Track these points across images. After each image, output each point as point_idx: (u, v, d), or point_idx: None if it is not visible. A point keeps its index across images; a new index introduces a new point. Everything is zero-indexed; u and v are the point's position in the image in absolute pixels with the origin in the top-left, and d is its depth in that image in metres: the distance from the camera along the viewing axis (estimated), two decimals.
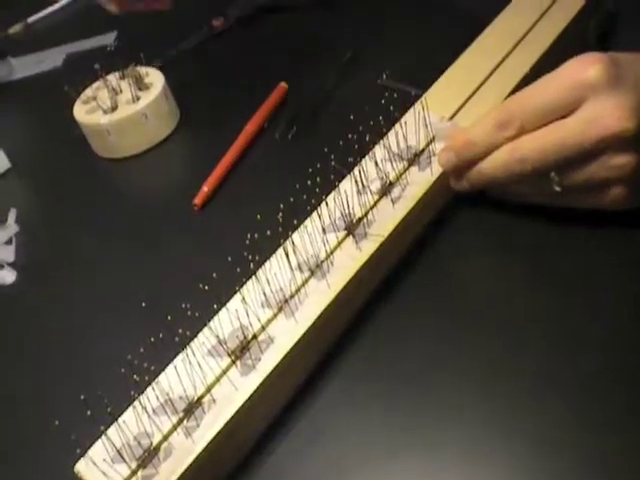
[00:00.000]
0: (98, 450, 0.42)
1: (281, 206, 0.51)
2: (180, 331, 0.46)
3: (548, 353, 0.47)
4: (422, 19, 0.84)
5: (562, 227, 0.54)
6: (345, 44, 0.81)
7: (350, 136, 0.55)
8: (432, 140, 0.57)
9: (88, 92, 0.78)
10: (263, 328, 0.47)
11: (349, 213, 0.52)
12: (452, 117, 0.59)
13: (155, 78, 0.78)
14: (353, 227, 0.52)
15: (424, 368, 0.48)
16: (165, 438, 0.43)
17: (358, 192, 0.54)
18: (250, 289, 0.49)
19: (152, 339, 0.45)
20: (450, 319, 0.51)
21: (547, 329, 0.49)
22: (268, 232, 0.50)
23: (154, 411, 0.44)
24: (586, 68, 0.48)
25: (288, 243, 0.50)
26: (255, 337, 0.47)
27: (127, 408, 0.44)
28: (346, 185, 0.54)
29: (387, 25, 0.85)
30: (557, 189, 0.50)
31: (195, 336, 0.47)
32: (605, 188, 0.50)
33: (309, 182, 0.54)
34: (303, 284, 0.49)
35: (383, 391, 0.48)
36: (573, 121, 0.48)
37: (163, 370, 0.46)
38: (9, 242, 0.69)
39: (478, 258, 0.55)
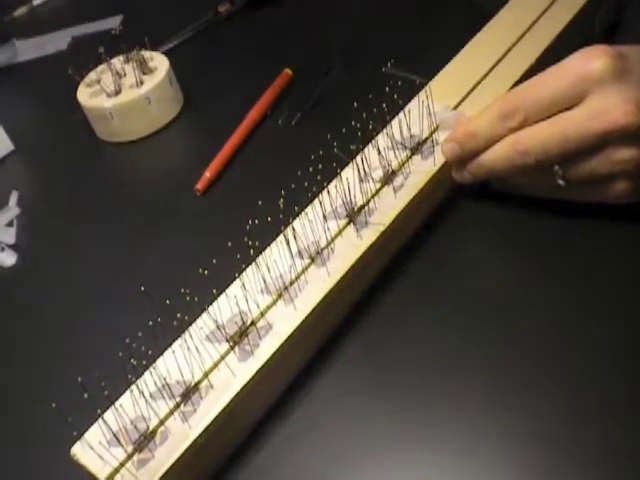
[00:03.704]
0: (95, 433, 0.42)
1: (282, 192, 0.51)
2: (179, 316, 0.46)
3: (549, 346, 0.47)
4: (428, 8, 0.83)
5: (563, 219, 0.54)
6: (351, 32, 0.80)
7: (353, 124, 0.55)
8: (436, 129, 0.57)
9: (92, 75, 0.78)
10: (262, 314, 0.47)
11: (351, 201, 0.51)
12: (456, 106, 0.59)
13: (159, 62, 0.77)
14: (354, 215, 0.51)
15: (423, 358, 0.48)
16: (162, 423, 0.43)
17: (360, 180, 0.53)
18: (250, 275, 0.49)
19: (150, 323, 0.45)
20: (450, 309, 0.51)
21: (547, 321, 0.48)
22: (269, 218, 0.50)
23: (151, 395, 0.44)
24: (592, 61, 0.47)
25: (289, 230, 0.50)
26: (254, 323, 0.47)
27: (124, 392, 0.44)
28: (348, 173, 0.54)
29: (393, 13, 0.84)
30: (560, 183, 0.50)
31: (194, 321, 0.47)
32: (609, 182, 0.49)
33: (311, 169, 0.54)
34: (303, 271, 0.49)
35: (382, 380, 0.48)
36: (577, 114, 0.48)
37: (161, 354, 0.46)
38: (10, 224, 0.69)
39: (478, 248, 0.55)
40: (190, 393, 0.44)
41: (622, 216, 0.52)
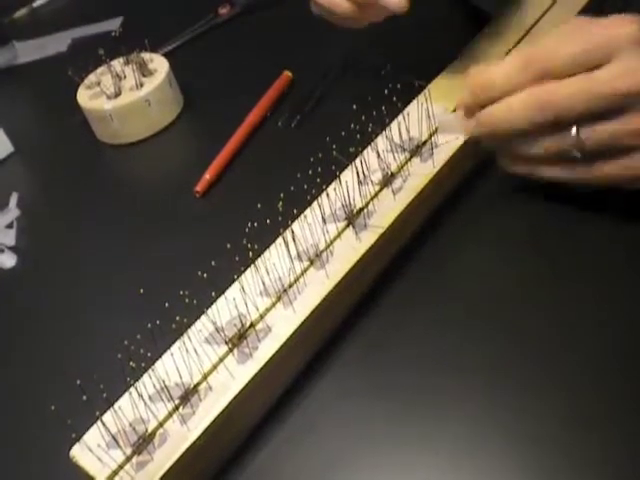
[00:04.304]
0: (93, 435, 0.43)
1: (282, 195, 0.51)
2: (177, 318, 0.46)
3: (549, 346, 0.47)
4: (427, 10, 0.83)
5: (562, 219, 0.54)
6: (350, 34, 0.80)
7: (352, 126, 0.55)
8: (435, 132, 0.57)
9: (92, 77, 0.78)
10: (261, 317, 0.47)
11: (350, 203, 0.51)
12: (456, 109, 0.59)
13: (159, 64, 0.78)
14: (353, 217, 0.51)
15: (423, 358, 0.48)
16: (160, 425, 0.43)
17: (359, 183, 0.53)
18: (249, 278, 0.49)
19: (149, 326, 0.45)
20: (449, 311, 0.51)
21: (547, 321, 0.48)
22: (268, 221, 0.50)
23: (150, 398, 0.44)
24: (622, 24, 0.46)
25: (288, 232, 0.50)
26: (253, 326, 0.47)
27: (123, 394, 0.44)
28: (347, 175, 0.54)
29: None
30: (576, 154, 0.48)
31: (193, 324, 0.47)
32: (625, 156, 0.48)
33: (310, 171, 0.54)
34: (302, 274, 0.49)
35: (381, 381, 0.48)
36: (604, 72, 0.46)
37: (160, 357, 0.46)
38: (10, 226, 0.69)
39: (477, 249, 0.55)
40: (189, 395, 0.44)
41: (622, 216, 0.52)
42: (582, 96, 0.46)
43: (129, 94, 0.75)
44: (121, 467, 0.41)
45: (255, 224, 0.51)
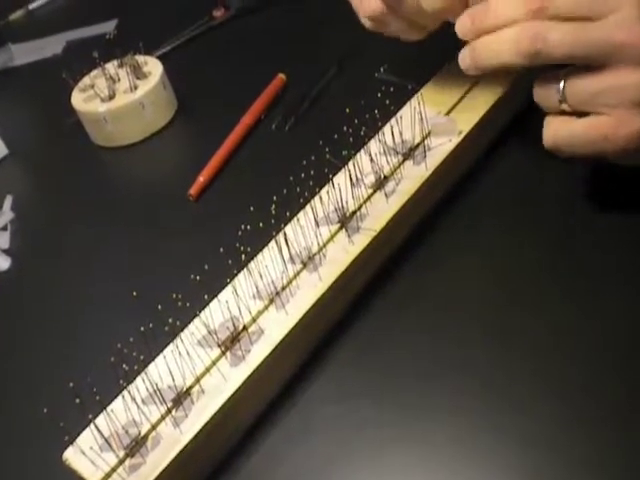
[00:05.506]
0: (86, 438, 0.43)
1: (275, 198, 0.51)
2: (170, 321, 0.46)
3: (544, 349, 0.47)
4: None
5: (557, 219, 0.54)
6: (344, 37, 0.80)
7: (345, 129, 0.55)
8: (427, 135, 0.57)
9: (86, 80, 0.78)
10: (254, 320, 0.47)
11: (342, 206, 0.52)
12: (448, 112, 0.59)
13: (153, 67, 0.78)
14: (346, 220, 0.52)
15: (416, 362, 0.48)
16: (153, 428, 0.43)
17: (352, 186, 0.53)
18: (242, 280, 0.49)
19: (142, 328, 0.45)
20: (443, 314, 0.51)
21: (544, 324, 0.48)
22: (261, 224, 0.50)
23: (143, 401, 0.44)
24: None
25: (281, 235, 0.50)
26: (245, 328, 0.47)
27: (116, 397, 0.44)
28: (340, 178, 0.54)
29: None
30: (566, 108, 0.48)
31: (185, 326, 0.47)
32: (606, 111, 0.47)
33: (303, 174, 0.54)
34: (295, 276, 0.49)
35: (374, 384, 0.48)
36: (602, 21, 0.46)
37: (153, 360, 0.46)
38: (4, 228, 0.70)
39: (471, 253, 0.55)
40: (181, 398, 0.44)
41: (619, 217, 0.53)
42: (575, 37, 0.46)
43: (123, 97, 0.75)
44: (114, 470, 0.41)
45: (248, 227, 0.51)
